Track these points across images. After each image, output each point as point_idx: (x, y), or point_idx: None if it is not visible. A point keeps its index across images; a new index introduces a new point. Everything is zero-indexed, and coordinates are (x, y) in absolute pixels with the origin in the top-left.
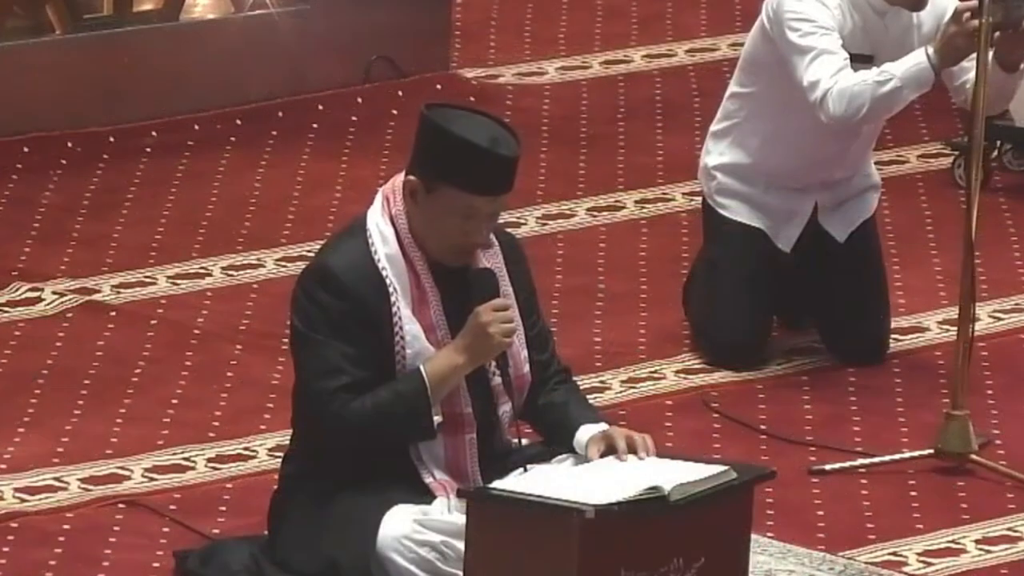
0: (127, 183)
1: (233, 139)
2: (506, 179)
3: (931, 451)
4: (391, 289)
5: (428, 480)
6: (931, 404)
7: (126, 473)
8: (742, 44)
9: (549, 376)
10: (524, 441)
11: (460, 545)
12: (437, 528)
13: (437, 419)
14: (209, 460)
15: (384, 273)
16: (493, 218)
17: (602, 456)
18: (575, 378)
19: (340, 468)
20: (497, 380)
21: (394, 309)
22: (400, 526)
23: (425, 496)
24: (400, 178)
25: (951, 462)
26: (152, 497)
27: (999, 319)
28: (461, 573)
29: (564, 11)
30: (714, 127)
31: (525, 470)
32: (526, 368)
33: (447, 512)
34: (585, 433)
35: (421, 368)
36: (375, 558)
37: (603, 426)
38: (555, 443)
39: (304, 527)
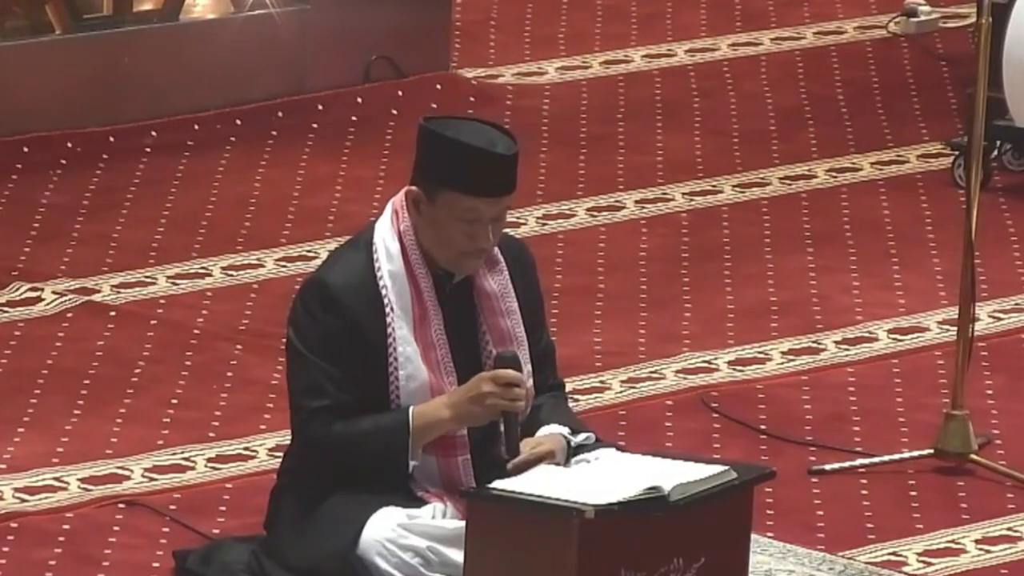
0: (127, 183)
1: (233, 139)
2: (506, 180)
3: (931, 451)
4: (388, 308)
5: (420, 494)
6: (931, 404)
7: (126, 473)
8: (742, 44)
9: (544, 391)
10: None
11: (446, 551)
12: (423, 532)
13: (414, 463)
14: (209, 460)
15: (384, 291)
16: (498, 223)
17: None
18: (575, 379)
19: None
20: None
21: (389, 328)
22: (384, 529)
23: (416, 499)
24: None
25: (951, 462)
26: (152, 497)
27: (999, 319)
28: None
29: (564, 11)
30: None
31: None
32: (529, 382)
33: (436, 517)
34: (543, 431)
35: (410, 411)
36: (355, 559)
37: (563, 430)
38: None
39: (294, 523)
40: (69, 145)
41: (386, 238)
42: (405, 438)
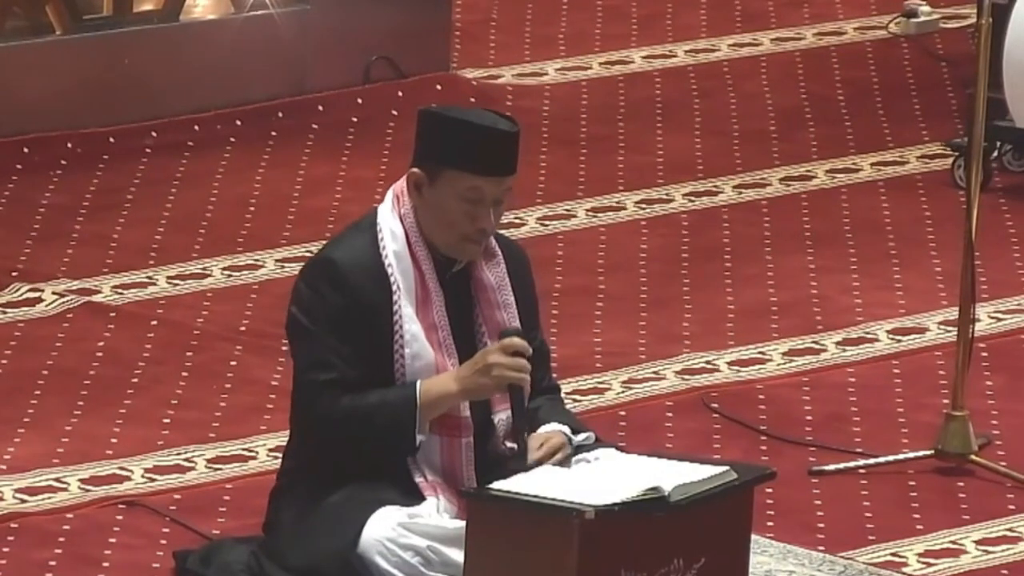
0: (127, 183)
1: (233, 139)
2: (508, 159)
3: (931, 451)
4: (395, 287)
5: (419, 480)
6: (931, 404)
7: (126, 473)
8: (743, 44)
9: (539, 393)
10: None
11: (447, 550)
12: (423, 532)
13: (421, 438)
14: (209, 460)
15: (389, 270)
16: (499, 206)
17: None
18: (575, 380)
19: (334, 464)
20: None
21: (395, 307)
22: (384, 528)
23: (415, 497)
24: None
25: (951, 462)
26: (152, 497)
27: (999, 320)
28: None
29: (564, 11)
30: None
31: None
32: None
33: (436, 514)
34: (543, 429)
35: (417, 384)
36: (356, 558)
37: (564, 429)
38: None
39: (295, 523)
40: (69, 145)
41: (389, 220)
42: (413, 411)
